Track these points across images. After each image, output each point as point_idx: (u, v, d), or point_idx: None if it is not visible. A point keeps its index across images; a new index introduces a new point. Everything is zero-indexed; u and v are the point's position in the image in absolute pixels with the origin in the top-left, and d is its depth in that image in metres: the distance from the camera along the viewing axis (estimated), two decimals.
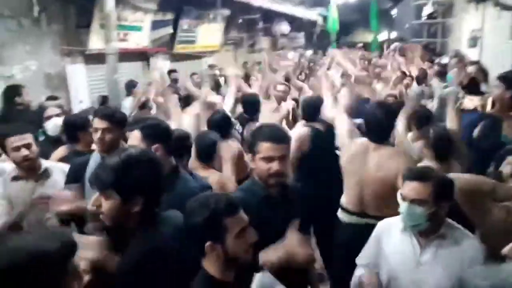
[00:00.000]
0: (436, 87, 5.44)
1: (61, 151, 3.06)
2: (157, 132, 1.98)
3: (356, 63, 6.24)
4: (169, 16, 7.34)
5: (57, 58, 5.47)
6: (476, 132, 3.74)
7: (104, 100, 5.32)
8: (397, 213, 1.96)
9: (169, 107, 3.33)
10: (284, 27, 12.05)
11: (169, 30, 7.49)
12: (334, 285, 2.86)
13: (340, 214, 2.69)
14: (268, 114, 4.78)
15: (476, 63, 5.31)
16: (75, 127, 2.92)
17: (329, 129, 3.27)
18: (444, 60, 6.90)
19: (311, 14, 13.64)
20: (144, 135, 1.96)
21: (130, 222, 1.50)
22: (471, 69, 4.65)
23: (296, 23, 13.10)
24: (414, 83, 6.48)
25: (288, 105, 5.05)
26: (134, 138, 1.97)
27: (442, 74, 6.26)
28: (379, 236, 2.07)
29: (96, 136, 2.29)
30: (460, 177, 1.96)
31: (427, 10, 9.70)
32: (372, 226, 2.35)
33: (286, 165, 1.88)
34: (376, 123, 2.54)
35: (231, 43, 10.54)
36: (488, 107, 2.24)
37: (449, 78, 5.67)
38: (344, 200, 2.67)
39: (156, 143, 1.95)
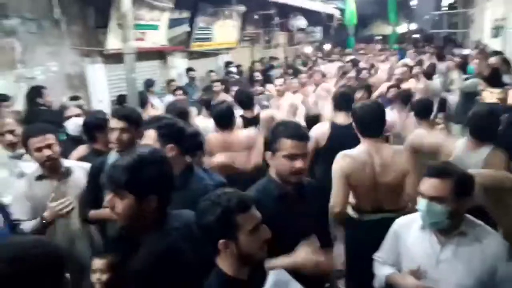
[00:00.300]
0: (457, 79, 5.32)
1: (81, 150, 3.13)
2: (172, 131, 2.01)
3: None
4: (185, 14, 7.38)
5: (77, 59, 5.59)
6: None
7: (122, 99, 5.39)
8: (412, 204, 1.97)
9: None
10: (300, 22, 11.96)
11: (186, 28, 7.54)
12: (350, 281, 2.82)
13: (352, 213, 2.64)
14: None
15: (499, 53, 5.15)
16: (93, 127, 2.98)
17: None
18: (466, 51, 6.74)
19: (328, 7, 13.49)
20: (160, 134, 1.98)
21: (145, 221, 1.52)
22: (493, 59, 4.52)
23: (312, 17, 12.98)
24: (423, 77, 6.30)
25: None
26: (149, 137, 2.00)
27: (463, 65, 6.13)
28: (397, 233, 2.03)
29: (114, 136, 2.33)
30: (481, 173, 1.91)
31: (448, 0, 9.45)
32: (388, 220, 2.34)
33: (307, 163, 1.88)
34: (370, 118, 2.52)
35: (248, 39, 10.53)
36: (510, 100, 2.15)
37: (470, 69, 5.55)
38: (355, 202, 2.62)
39: (171, 143, 1.97)
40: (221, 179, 2.24)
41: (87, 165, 2.61)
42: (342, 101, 3.38)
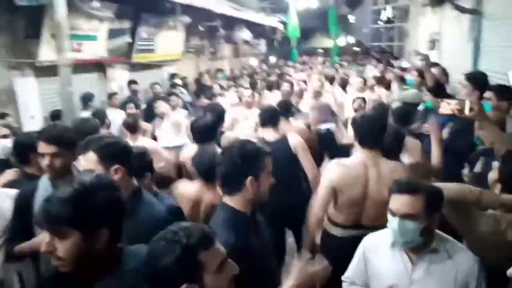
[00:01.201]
0: (395, 90, 5.51)
1: (10, 174, 2.74)
2: (116, 151, 1.75)
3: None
4: (127, 24, 7.03)
5: (4, 72, 5.05)
6: (444, 133, 3.77)
7: (56, 115, 4.95)
8: None
9: None
10: (245, 34, 11.99)
11: (127, 39, 7.18)
12: None
13: (331, 229, 2.51)
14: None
15: (437, 64, 5.40)
16: (26, 148, 2.60)
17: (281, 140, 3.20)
18: (404, 63, 7.03)
19: (272, 20, 13.66)
20: (101, 156, 1.71)
21: (96, 262, 1.27)
22: (435, 71, 4.69)
23: (257, 30, 13.08)
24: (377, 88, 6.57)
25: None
26: (89, 161, 1.72)
27: (402, 77, 6.36)
28: (365, 252, 1.93)
29: (44, 162, 2.03)
30: (446, 186, 1.86)
31: (387, 14, 9.92)
32: None
33: None
34: (369, 128, 2.41)
35: (193, 51, 10.32)
36: (466, 111, 2.16)
37: (409, 81, 5.75)
38: (336, 216, 2.49)
39: (116, 164, 1.72)
40: (174, 203, 2.02)
41: (12, 192, 2.26)
42: (267, 116, 3.29)
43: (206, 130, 3.09)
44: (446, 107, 2.17)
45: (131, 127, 3.97)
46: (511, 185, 1.88)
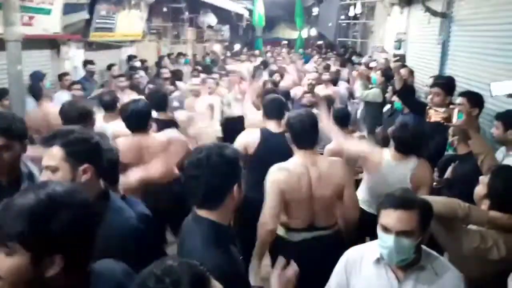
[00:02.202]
0: (357, 88, 5.49)
1: None
2: (87, 149, 1.51)
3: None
4: None
5: None
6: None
7: (2, 93, 4.47)
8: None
9: None
10: (210, 19, 11.63)
11: (84, 15, 6.66)
12: None
13: (284, 234, 2.43)
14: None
15: (405, 65, 5.44)
16: None
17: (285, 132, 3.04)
18: (372, 63, 7.05)
19: (238, 7, 13.35)
20: (69, 153, 1.47)
21: None
22: (403, 71, 4.70)
23: (222, 15, 12.73)
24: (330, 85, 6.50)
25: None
26: (53, 157, 1.47)
27: (368, 76, 6.34)
28: (348, 267, 1.82)
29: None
30: (435, 200, 1.79)
31: (356, 10, 9.94)
32: (321, 238, 2.37)
33: None
34: (303, 129, 2.39)
35: (154, 32, 9.84)
36: (454, 119, 2.10)
37: (373, 80, 5.77)
38: (289, 220, 2.42)
39: (85, 163, 1.48)
40: (144, 210, 1.80)
41: None
42: (273, 107, 3.13)
43: (141, 117, 2.86)
44: (435, 115, 2.10)
45: (109, 105, 3.59)
46: (500, 202, 1.84)
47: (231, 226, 1.59)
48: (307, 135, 2.39)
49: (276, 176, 2.33)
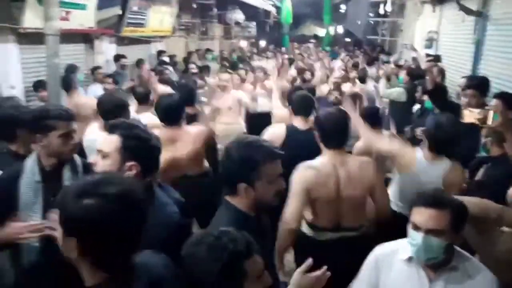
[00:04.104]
0: (382, 86, 5.40)
1: None
2: (141, 147, 1.54)
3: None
4: None
5: None
6: None
7: (40, 85, 4.65)
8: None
9: None
10: (238, 16, 11.68)
11: (117, 10, 6.82)
12: None
13: (309, 232, 2.43)
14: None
15: (436, 65, 5.34)
16: (12, 122, 2.35)
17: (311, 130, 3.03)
18: (401, 61, 6.94)
19: (265, 4, 13.33)
20: (124, 145, 1.52)
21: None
22: (435, 71, 4.62)
23: (249, 12, 12.75)
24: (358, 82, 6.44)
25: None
26: (109, 144, 1.53)
27: (397, 75, 6.24)
28: (378, 264, 1.82)
29: (74, 139, 1.95)
30: (468, 201, 1.77)
31: (387, 7, 9.77)
32: (347, 239, 2.32)
33: None
34: (333, 128, 2.34)
35: (183, 28, 9.97)
36: (489, 121, 2.07)
37: (400, 79, 5.68)
38: (315, 219, 2.40)
39: (133, 160, 1.52)
40: (179, 198, 1.85)
41: None
42: (302, 105, 3.11)
43: (174, 110, 2.91)
44: (469, 115, 2.07)
45: (143, 97, 3.67)
46: None
47: (260, 217, 1.64)
48: (337, 134, 2.34)
49: (303, 174, 2.29)
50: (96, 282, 1.07)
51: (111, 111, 2.65)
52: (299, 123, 3.07)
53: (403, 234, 1.74)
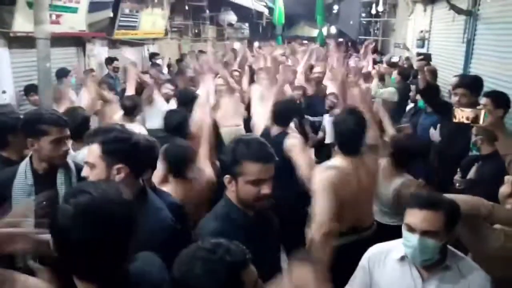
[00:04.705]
0: (374, 87, 5.42)
1: None
2: (123, 149, 1.53)
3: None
4: None
5: None
6: (435, 134, 3.72)
7: (32, 89, 4.60)
8: None
9: None
10: (231, 17, 11.67)
11: (109, 13, 6.79)
12: None
13: None
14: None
15: (428, 64, 5.35)
16: (4, 129, 2.33)
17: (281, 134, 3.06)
18: (394, 58, 6.97)
19: (258, 5, 13.35)
20: (105, 151, 1.51)
21: None
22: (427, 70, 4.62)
23: (242, 13, 12.75)
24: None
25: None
26: (92, 153, 1.53)
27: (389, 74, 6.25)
28: (371, 264, 1.83)
29: (63, 146, 1.93)
30: (458, 198, 1.78)
31: (378, 8, 9.82)
32: (363, 241, 2.25)
33: (271, 186, 1.62)
34: (350, 134, 2.30)
35: (176, 30, 9.95)
36: (481, 120, 2.08)
37: (392, 79, 5.69)
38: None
39: (119, 163, 1.51)
40: (175, 201, 1.85)
41: None
42: (281, 114, 3.14)
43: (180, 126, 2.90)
44: (460, 114, 2.08)
45: (130, 108, 3.69)
46: None
47: (260, 215, 1.64)
48: (353, 141, 2.31)
49: (327, 174, 2.26)
50: None
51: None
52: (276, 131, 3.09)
53: None
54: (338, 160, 2.34)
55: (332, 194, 2.18)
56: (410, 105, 5.01)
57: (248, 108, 4.71)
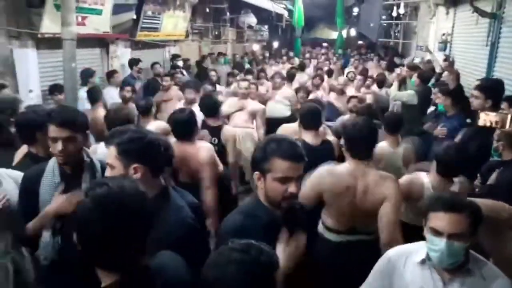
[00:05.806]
0: (393, 90, 5.36)
1: (21, 153, 2.56)
2: (137, 148, 1.56)
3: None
4: (132, 0, 6.78)
5: (3, 41, 4.81)
6: (459, 137, 3.66)
7: (56, 89, 4.73)
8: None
9: None
10: (251, 19, 11.74)
11: (132, 15, 6.94)
12: None
13: (326, 234, 2.44)
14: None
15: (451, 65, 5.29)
16: (33, 126, 2.41)
17: (324, 144, 3.06)
18: (416, 60, 6.90)
19: (278, 7, 13.37)
20: (120, 152, 1.55)
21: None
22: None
23: (262, 15, 12.80)
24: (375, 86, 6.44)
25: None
26: (110, 155, 1.57)
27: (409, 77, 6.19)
28: (392, 265, 1.82)
29: (56, 147, 1.90)
30: (481, 202, 1.76)
31: (400, 10, 9.71)
32: (365, 242, 2.32)
33: (300, 186, 1.67)
34: (361, 139, 2.30)
35: (196, 32, 10.06)
36: (507, 125, 2.05)
37: (412, 82, 5.63)
38: (329, 221, 2.42)
39: (135, 163, 1.55)
40: (194, 201, 1.89)
41: (17, 174, 2.11)
42: (310, 118, 3.09)
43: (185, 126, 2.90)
44: (485, 119, 2.05)
45: (144, 110, 3.75)
46: None
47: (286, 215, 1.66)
48: (363, 146, 2.31)
49: (321, 176, 2.31)
50: (109, 283, 1.10)
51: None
52: (310, 138, 3.05)
53: None
54: (342, 168, 2.35)
55: (314, 191, 2.31)
56: (431, 109, 4.95)
57: None
